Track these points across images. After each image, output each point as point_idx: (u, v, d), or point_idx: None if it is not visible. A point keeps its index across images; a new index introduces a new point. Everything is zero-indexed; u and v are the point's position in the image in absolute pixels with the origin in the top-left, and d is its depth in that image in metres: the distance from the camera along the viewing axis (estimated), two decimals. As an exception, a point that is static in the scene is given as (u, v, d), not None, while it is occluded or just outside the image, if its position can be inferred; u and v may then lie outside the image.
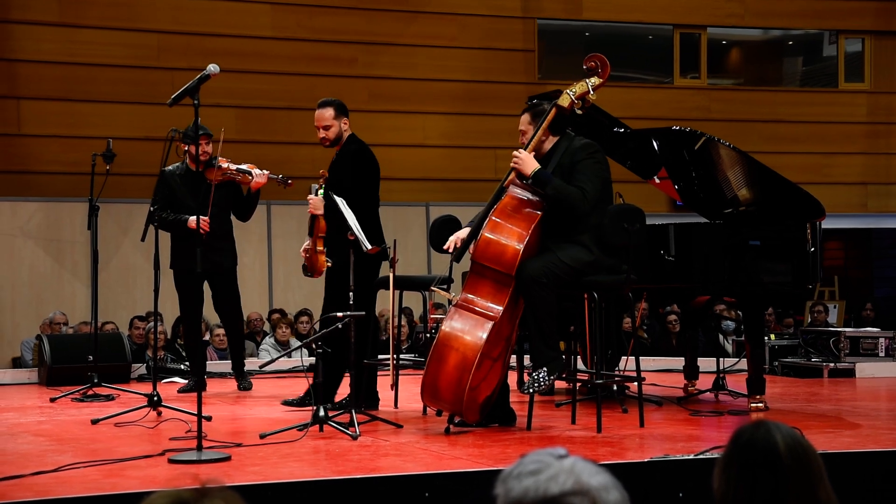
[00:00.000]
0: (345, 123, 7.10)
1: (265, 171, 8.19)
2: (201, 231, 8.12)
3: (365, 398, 6.98)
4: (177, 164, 8.41)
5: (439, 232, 7.19)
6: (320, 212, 6.81)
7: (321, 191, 6.85)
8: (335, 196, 6.49)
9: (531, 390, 6.06)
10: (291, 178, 8.05)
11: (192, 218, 8.11)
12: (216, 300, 8.59)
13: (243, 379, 8.59)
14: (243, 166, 8.27)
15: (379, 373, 7.44)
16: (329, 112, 7.08)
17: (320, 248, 6.95)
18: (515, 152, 6.26)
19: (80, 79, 13.61)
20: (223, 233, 8.39)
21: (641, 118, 12.59)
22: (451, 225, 6.99)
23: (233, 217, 8.60)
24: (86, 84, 13.62)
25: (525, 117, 6.41)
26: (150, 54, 13.86)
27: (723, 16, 16.43)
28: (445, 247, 6.44)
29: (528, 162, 6.20)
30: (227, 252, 8.46)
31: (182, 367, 9.68)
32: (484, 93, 15.17)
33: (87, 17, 13.68)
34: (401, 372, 7.35)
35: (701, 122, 12.94)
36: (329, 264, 6.84)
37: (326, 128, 7.07)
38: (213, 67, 5.75)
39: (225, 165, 8.23)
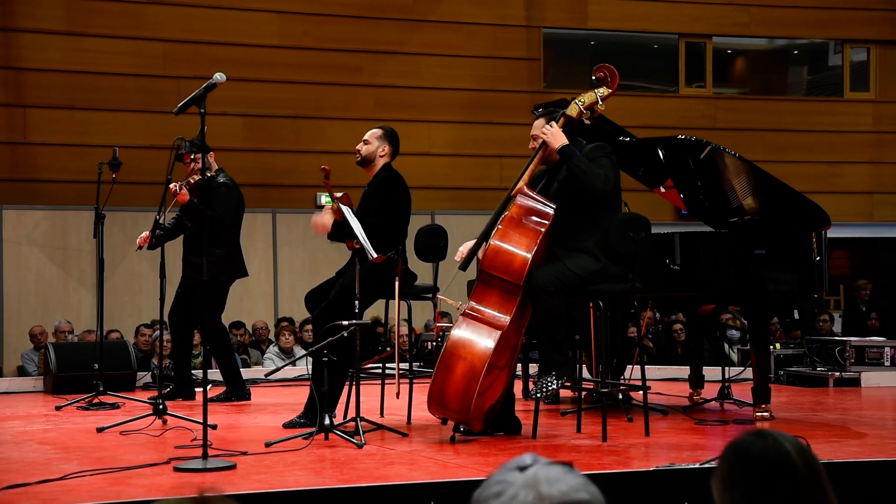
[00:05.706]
0: (383, 150, 7.01)
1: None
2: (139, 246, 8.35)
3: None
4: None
5: (425, 241, 7.22)
6: (327, 231, 6.68)
7: (327, 198, 6.79)
8: (343, 206, 6.43)
9: (538, 395, 6.06)
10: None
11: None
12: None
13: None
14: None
15: (387, 382, 7.42)
16: (377, 132, 7.08)
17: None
18: (546, 126, 6.27)
19: (86, 87, 13.64)
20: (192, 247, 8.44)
21: (647, 127, 12.58)
22: (437, 234, 7.17)
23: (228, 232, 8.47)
24: (92, 92, 13.65)
25: (539, 122, 6.41)
26: (156, 63, 13.89)
27: (728, 25, 16.43)
28: (456, 257, 6.44)
29: (557, 136, 6.23)
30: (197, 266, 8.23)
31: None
32: (489, 101, 15.18)
33: (94, 25, 13.72)
34: (402, 381, 7.28)
35: (706, 131, 12.94)
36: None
37: (366, 142, 7.04)
38: (219, 76, 5.74)
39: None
